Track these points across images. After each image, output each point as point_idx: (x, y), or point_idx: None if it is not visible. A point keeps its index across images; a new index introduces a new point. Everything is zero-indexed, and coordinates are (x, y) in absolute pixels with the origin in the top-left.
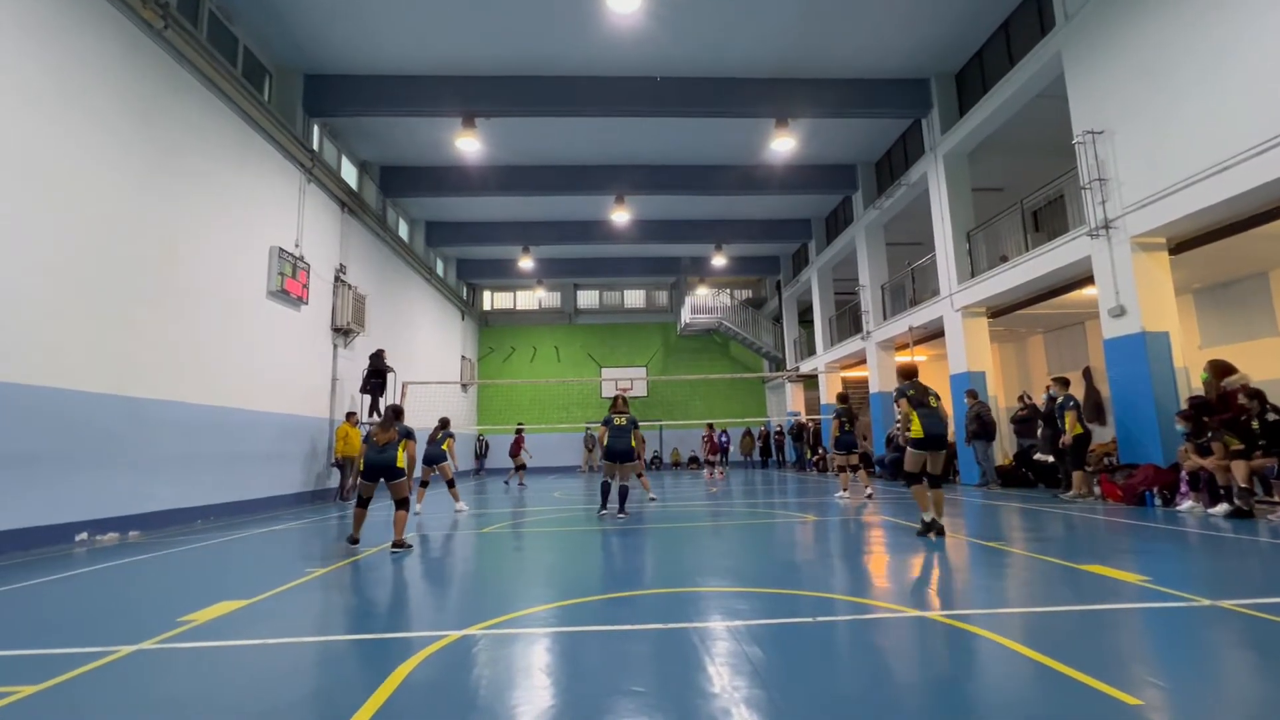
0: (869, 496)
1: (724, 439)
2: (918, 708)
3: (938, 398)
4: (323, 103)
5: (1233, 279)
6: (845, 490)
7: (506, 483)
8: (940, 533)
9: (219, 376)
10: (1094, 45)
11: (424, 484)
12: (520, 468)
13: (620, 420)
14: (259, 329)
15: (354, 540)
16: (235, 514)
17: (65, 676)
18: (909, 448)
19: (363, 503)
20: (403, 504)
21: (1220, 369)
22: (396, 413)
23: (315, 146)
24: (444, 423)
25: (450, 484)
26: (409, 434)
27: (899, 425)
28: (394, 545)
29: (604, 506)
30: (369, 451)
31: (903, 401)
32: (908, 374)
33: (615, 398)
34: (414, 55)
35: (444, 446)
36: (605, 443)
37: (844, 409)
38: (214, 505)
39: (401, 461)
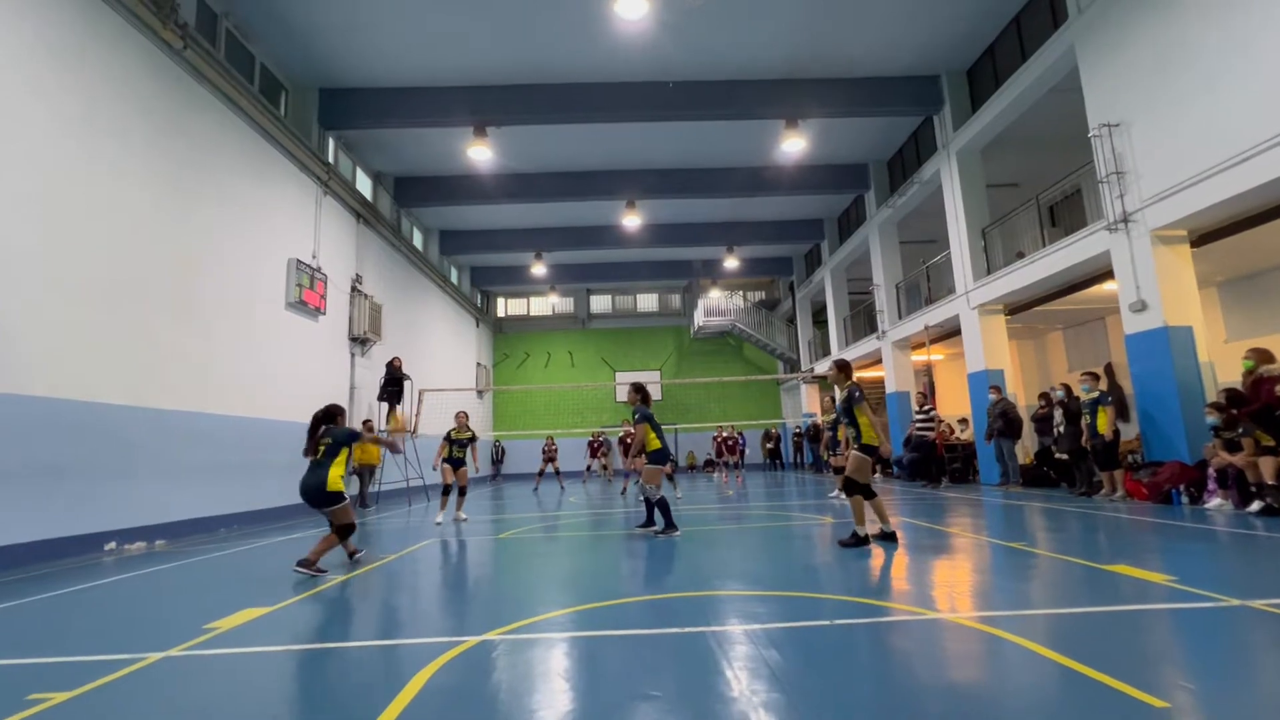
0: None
1: (742, 442)
2: (939, 712)
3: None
4: (337, 116)
5: (1258, 271)
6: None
7: (535, 489)
8: (865, 543)
9: (240, 387)
10: (1108, 37)
11: (446, 491)
12: (540, 473)
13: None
14: (278, 340)
15: (308, 563)
16: (257, 522)
17: (96, 683)
18: (862, 454)
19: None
20: (342, 531)
21: (1263, 356)
22: (328, 414)
23: (330, 159)
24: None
25: (461, 490)
26: (346, 439)
27: (837, 429)
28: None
29: (672, 525)
30: (304, 472)
31: (865, 407)
32: (850, 373)
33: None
34: (426, 67)
35: (457, 453)
36: (659, 444)
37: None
38: (237, 514)
39: (336, 483)
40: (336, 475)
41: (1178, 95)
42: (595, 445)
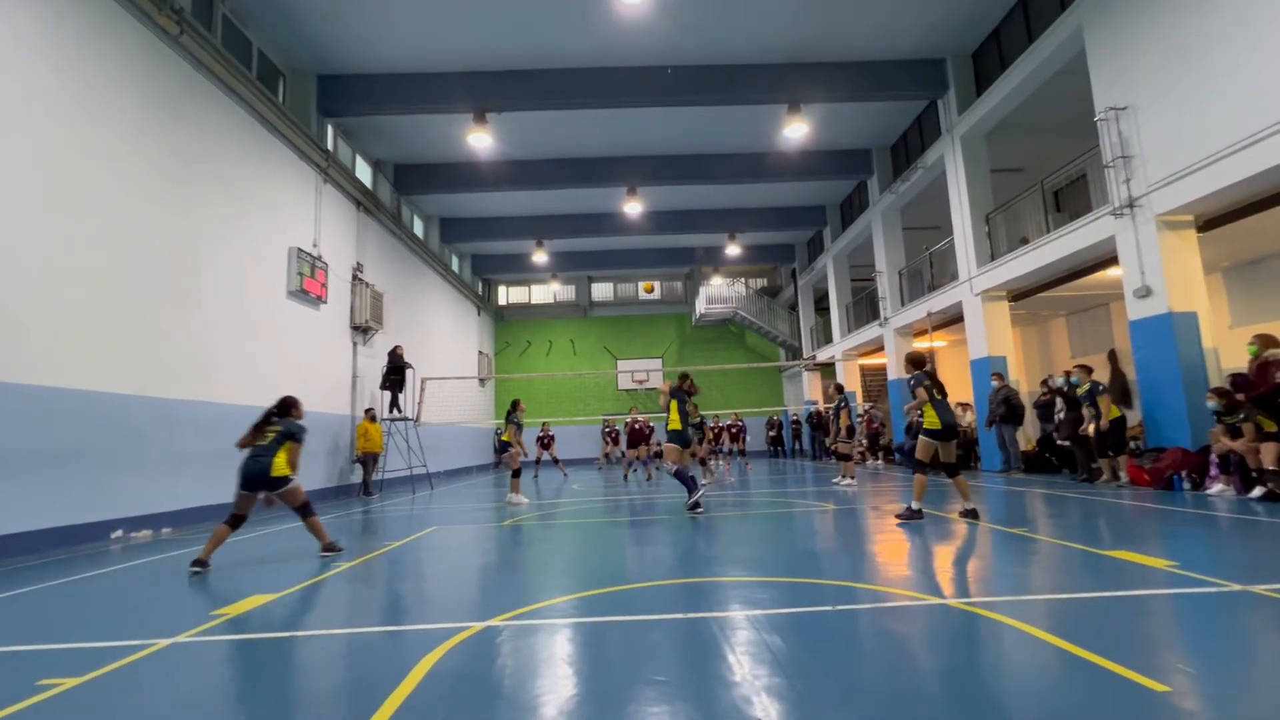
0: (849, 485)
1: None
2: (940, 696)
3: (944, 390)
4: (336, 103)
5: (1264, 256)
6: (849, 478)
7: (535, 477)
8: (975, 516)
9: (243, 376)
10: (1115, 19)
11: (515, 473)
12: (537, 461)
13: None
14: (280, 328)
15: (201, 564)
16: (263, 510)
17: (106, 669)
18: (923, 437)
19: (234, 520)
20: (304, 510)
21: (1268, 341)
22: (283, 407)
23: (330, 146)
24: (513, 405)
25: (515, 473)
26: (291, 434)
27: (915, 413)
28: (324, 549)
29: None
30: (245, 459)
31: (920, 390)
32: (920, 363)
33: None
34: (424, 52)
35: (504, 436)
36: (679, 425)
37: (842, 401)
38: None
39: (281, 469)
40: (281, 462)
41: (1186, 78)
42: (613, 433)
